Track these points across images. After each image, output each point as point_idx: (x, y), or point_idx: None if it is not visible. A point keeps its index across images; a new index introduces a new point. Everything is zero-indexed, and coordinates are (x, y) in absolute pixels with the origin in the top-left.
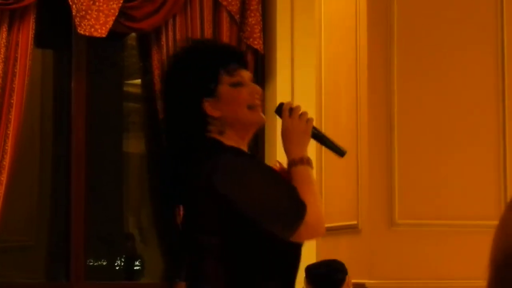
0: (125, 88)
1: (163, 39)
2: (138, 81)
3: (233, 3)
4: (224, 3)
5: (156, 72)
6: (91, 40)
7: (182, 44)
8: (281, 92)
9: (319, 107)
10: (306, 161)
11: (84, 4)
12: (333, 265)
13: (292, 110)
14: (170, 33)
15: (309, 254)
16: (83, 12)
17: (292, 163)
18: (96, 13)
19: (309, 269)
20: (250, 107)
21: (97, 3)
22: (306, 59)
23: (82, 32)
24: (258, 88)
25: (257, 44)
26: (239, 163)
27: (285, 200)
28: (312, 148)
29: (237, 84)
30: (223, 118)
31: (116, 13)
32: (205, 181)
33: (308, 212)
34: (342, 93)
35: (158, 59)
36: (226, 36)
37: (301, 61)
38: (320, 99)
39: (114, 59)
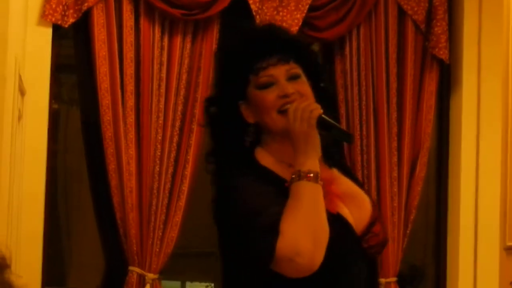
0: None
1: (347, 49)
2: None
3: (418, 12)
4: (410, 12)
5: (339, 82)
6: None
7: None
8: (467, 102)
9: (505, 117)
10: (305, 175)
11: (268, 14)
12: None
13: (295, 111)
14: (354, 43)
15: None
16: (267, 22)
17: (291, 177)
18: (279, 23)
19: None
20: (281, 112)
21: (280, 13)
22: (493, 68)
23: None
24: (287, 88)
25: (443, 54)
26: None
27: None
28: None
29: (265, 86)
30: (259, 124)
31: (300, 23)
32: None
33: (280, 241)
34: None
35: (341, 69)
36: (411, 45)
37: (487, 71)
38: (506, 109)
39: None
